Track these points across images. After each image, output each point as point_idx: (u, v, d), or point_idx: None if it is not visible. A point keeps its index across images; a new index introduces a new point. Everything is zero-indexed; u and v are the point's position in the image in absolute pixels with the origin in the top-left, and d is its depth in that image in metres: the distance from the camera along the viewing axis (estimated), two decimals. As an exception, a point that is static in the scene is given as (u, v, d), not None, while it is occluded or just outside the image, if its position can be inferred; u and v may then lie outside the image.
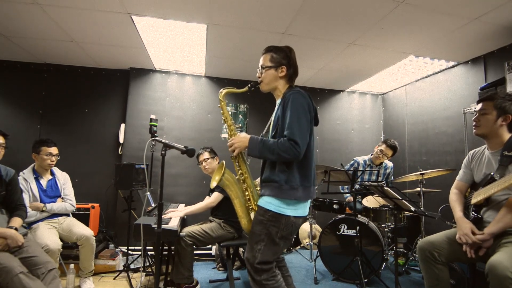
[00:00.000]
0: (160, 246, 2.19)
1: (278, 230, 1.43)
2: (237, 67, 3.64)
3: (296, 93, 1.47)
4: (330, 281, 2.72)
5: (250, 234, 1.50)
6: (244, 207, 1.60)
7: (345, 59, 3.29)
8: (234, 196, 1.61)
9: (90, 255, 2.46)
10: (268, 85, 1.61)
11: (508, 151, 1.60)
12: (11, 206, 2.04)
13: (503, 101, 1.64)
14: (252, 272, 1.43)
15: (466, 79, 3.20)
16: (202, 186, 3.76)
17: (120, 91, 3.79)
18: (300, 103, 1.44)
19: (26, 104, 3.55)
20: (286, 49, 1.60)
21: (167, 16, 2.51)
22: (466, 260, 1.78)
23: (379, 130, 4.61)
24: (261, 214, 1.46)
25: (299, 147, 1.36)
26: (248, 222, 1.58)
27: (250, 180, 1.62)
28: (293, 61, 1.60)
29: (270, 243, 1.43)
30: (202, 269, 3.04)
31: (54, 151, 2.55)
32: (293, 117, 1.40)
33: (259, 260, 1.41)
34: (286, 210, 1.43)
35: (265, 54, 1.61)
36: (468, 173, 1.86)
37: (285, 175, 1.43)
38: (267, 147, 1.41)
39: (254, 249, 1.43)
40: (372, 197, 3.04)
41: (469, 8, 2.24)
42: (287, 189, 1.42)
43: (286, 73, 1.58)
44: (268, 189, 1.47)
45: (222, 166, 1.62)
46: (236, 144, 1.52)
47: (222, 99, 1.68)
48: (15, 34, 2.88)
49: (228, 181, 1.61)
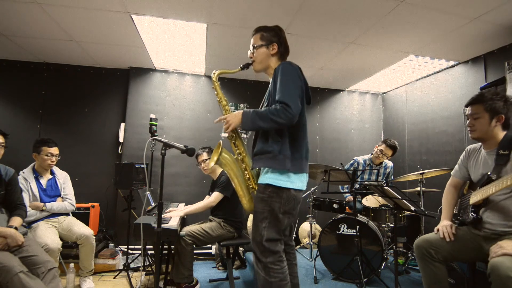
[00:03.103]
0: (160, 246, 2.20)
1: (280, 205, 1.43)
2: (237, 66, 3.62)
3: (285, 64, 1.49)
4: (330, 280, 2.72)
5: (253, 213, 1.50)
6: (244, 185, 1.59)
7: (345, 58, 3.29)
8: (234, 175, 1.59)
9: (90, 254, 2.46)
10: (261, 63, 1.62)
11: (503, 150, 1.61)
12: (11, 206, 2.04)
13: (493, 102, 1.63)
14: (259, 253, 1.43)
15: (466, 79, 3.20)
16: (202, 186, 3.76)
17: (120, 90, 3.79)
18: (289, 71, 1.45)
19: (26, 104, 3.55)
20: (276, 27, 1.62)
21: (167, 15, 2.51)
22: (464, 259, 1.79)
23: (379, 129, 4.61)
24: (261, 192, 1.47)
25: (291, 109, 1.35)
26: (248, 200, 1.57)
27: (248, 159, 1.61)
28: (284, 39, 1.62)
29: (274, 219, 1.44)
30: (202, 269, 3.05)
31: (55, 151, 2.55)
32: (283, 82, 1.41)
33: (266, 238, 1.41)
34: (285, 183, 1.43)
35: (256, 34, 1.63)
36: (463, 170, 1.86)
37: (279, 145, 1.44)
38: (260, 115, 1.41)
39: (260, 227, 1.43)
40: (372, 196, 3.04)
41: (469, 7, 2.24)
42: (281, 158, 1.42)
43: (278, 51, 1.59)
44: (262, 161, 1.47)
45: (219, 146, 1.60)
46: (230, 121, 1.51)
47: (216, 80, 1.67)
48: (15, 33, 2.88)
49: (226, 160, 1.58)
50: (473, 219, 1.66)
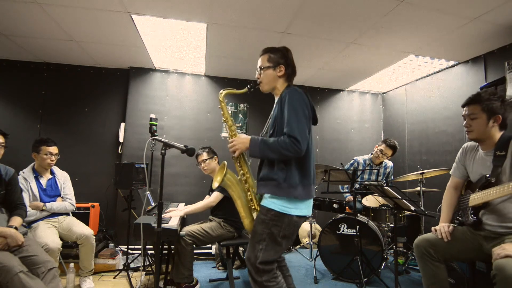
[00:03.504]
0: (160, 245, 2.20)
1: (281, 229, 1.43)
2: (237, 66, 3.64)
3: (292, 91, 1.48)
4: (330, 280, 2.72)
5: (252, 233, 1.50)
6: (246, 207, 1.60)
7: (345, 58, 3.29)
8: (237, 196, 1.61)
9: (90, 254, 2.46)
10: (268, 85, 1.62)
11: (500, 151, 1.60)
12: (11, 206, 2.04)
13: (490, 103, 1.62)
14: (253, 273, 1.43)
15: (466, 79, 3.20)
16: (202, 186, 3.76)
17: (120, 90, 3.79)
18: (297, 100, 1.44)
19: (26, 103, 3.55)
20: (283, 49, 1.62)
21: (167, 15, 2.51)
22: (464, 258, 1.79)
23: (379, 129, 4.61)
24: (263, 214, 1.46)
25: (299, 143, 1.36)
26: (250, 222, 1.58)
27: (252, 180, 1.62)
28: (291, 60, 1.61)
29: (272, 242, 1.43)
30: (202, 268, 3.05)
31: (54, 150, 2.55)
32: (291, 114, 1.41)
33: (260, 260, 1.41)
34: (289, 210, 1.42)
35: (263, 55, 1.63)
36: (461, 168, 1.85)
37: (283, 173, 1.43)
38: (268, 146, 1.41)
39: (256, 249, 1.43)
40: (372, 196, 3.04)
41: (469, 7, 2.24)
42: (286, 187, 1.42)
43: (285, 72, 1.59)
44: (266, 187, 1.47)
45: (224, 166, 1.61)
46: (237, 146, 1.52)
47: (222, 100, 1.67)
48: (15, 33, 2.88)
49: (230, 182, 1.61)
50: (473, 222, 1.66)
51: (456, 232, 1.73)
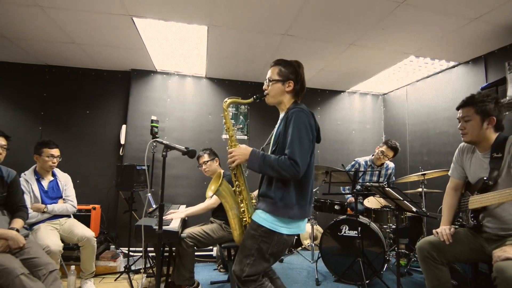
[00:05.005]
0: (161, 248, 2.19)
1: (269, 246, 1.41)
2: (238, 68, 3.65)
3: (299, 111, 1.44)
4: (332, 282, 2.71)
5: (240, 247, 1.48)
6: (237, 218, 1.58)
7: (346, 59, 3.29)
8: (229, 207, 1.60)
9: (91, 256, 2.46)
10: (274, 98, 1.58)
11: (496, 152, 1.60)
12: (13, 208, 2.05)
13: (483, 105, 1.61)
14: (240, 284, 1.43)
15: (466, 79, 3.19)
16: (203, 187, 3.76)
17: (121, 93, 3.80)
18: (303, 122, 1.41)
19: (28, 106, 3.57)
20: (295, 63, 1.57)
21: (168, 17, 2.52)
22: (466, 260, 1.78)
23: (380, 130, 4.61)
24: (253, 229, 1.44)
25: (299, 167, 1.34)
26: (240, 234, 1.56)
27: (246, 192, 1.60)
28: (301, 76, 1.57)
29: (260, 258, 1.42)
30: (203, 271, 3.04)
31: (56, 152, 2.56)
32: (295, 136, 1.38)
33: (246, 274, 1.40)
34: (280, 228, 1.41)
35: (274, 67, 1.58)
36: (459, 168, 1.85)
37: (281, 192, 1.42)
38: (268, 163, 1.39)
39: (243, 263, 1.42)
40: (374, 198, 3.03)
41: (470, 8, 2.24)
42: (281, 206, 1.40)
43: (293, 88, 1.55)
44: (264, 204, 1.46)
45: (220, 176, 1.61)
46: (236, 156, 1.49)
47: (226, 109, 1.64)
48: (17, 36, 2.90)
49: (225, 192, 1.60)
50: (473, 226, 1.66)
51: (458, 234, 1.72)
